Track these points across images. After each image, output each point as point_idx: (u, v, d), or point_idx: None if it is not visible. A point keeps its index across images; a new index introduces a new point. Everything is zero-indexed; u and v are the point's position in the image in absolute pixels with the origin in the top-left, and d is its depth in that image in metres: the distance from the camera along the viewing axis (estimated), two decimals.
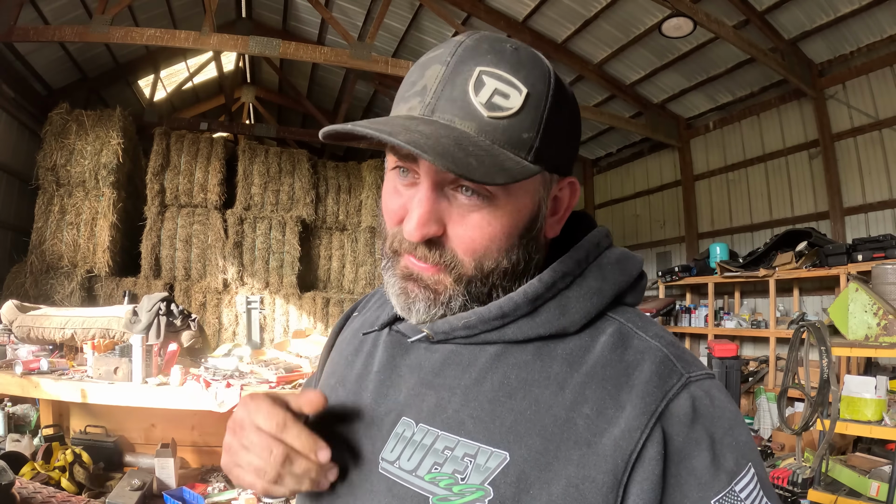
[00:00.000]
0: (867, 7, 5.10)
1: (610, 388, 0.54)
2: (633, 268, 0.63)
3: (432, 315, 0.61)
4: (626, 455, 0.51)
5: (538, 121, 0.56)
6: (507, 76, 0.55)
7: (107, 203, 6.20)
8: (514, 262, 0.60)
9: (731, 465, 0.51)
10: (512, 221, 0.58)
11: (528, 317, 0.58)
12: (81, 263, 6.14)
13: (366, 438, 0.62)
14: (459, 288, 0.59)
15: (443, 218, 0.57)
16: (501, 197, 0.57)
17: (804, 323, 3.30)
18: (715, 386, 0.56)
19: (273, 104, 10.79)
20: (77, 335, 2.99)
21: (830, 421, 3.01)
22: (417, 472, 0.56)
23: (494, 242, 0.58)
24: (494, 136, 0.54)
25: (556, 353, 0.57)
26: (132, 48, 7.69)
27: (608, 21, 6.07)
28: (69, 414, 3.30)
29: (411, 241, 0.57)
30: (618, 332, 0.58)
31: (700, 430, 0.52)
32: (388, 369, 0.65)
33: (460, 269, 0.59)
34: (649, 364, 0.55)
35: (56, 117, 6.26)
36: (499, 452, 0.53)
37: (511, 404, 0.55)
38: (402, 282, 0.61)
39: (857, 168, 5.71)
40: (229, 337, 6.45)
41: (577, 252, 0.61)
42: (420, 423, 0.58)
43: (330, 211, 7.62)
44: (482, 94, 0.55)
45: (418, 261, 0.59)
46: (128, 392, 2.43)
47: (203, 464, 3.21)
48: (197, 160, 6.80)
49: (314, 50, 5.12)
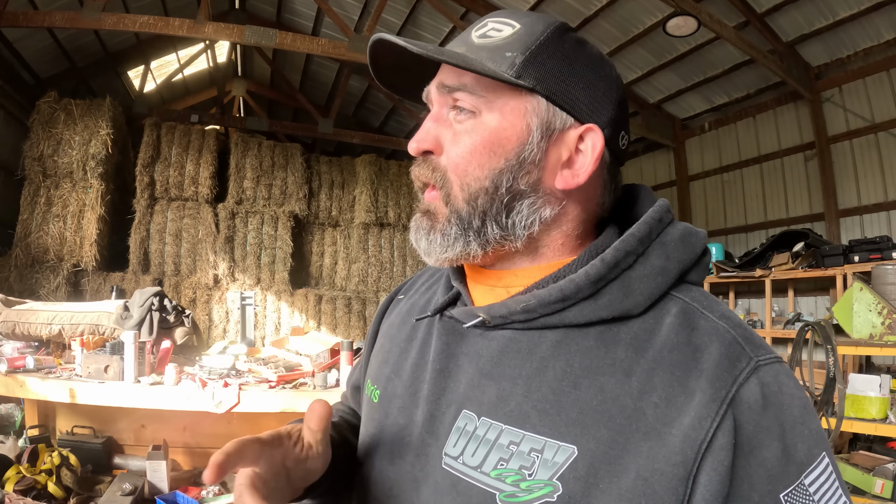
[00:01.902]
0: (865, 12, 5.16)
1: (678, 374, 0.51)
2: (698, 244, 0.60)
3: (432, 245, 0.62)
4: (697, 445, 0.48)
5: (525, 46, 0.58)
6: (507, 19, 0.61)
7: (95, 195, 6.04)
8: (498, 186, 0.59)
9: (802, 457, 0.49)
10: (491, 137, 0.59)
11: (590, 299, 0.56)
12: (68, 257, 5.98)
13: (427, 433, 0.60)
14: (452, 213, 0.61)
15: (440, 140, 0.61)
16: (485, 113, 0.59)
17: (809, 322, 3.28)
18: (783, 371, 0.53)
19: (264, 98, 10.63)
20: (65, 331, 2.87)
21: (837, 419, 3.00)
22: (483, 469, 0.55)
23: (474, 156, 0.59)
24: (479, 54, 0.59)
25: (620, 337, 0.55)
26: (122, 38, 7.52)
27: (608, 20, 6.04)
28: (55, 414, 3.18)
29: (411, 153, 0.62)
30: (682, 312, 0.56)
31: (770, 418, 0.50)
32: (445, 358, 0.63)
33: (448, 188, 0.61)
34: (717, 346, 0.52)
35: (44, 106, 6.08)
36: (566, 446, 0.51)
37: (576, 395, 0.53)
38: (417, 218, 0.65)
39: (853, 171, 5.77)
40: (220, 334, 6.32)
41: (640, 229, 0.58)
42: (482, 416, 0.57)
43: (323, 206, 7.51)
44: (480, 31, 0.61)
45: (420, 180, 0.64)
46: (119, 392, 2.33)
47: (195, 465, 3.11)
48: (188, 152, 6.65)
49: (311, 41, 5.01)
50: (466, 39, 0.61)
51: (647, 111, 7.42)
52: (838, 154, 5.87)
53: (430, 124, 0.62)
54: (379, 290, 7.33)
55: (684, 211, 7.58)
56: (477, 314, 0.61)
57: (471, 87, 0.59)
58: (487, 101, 0.59)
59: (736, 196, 6.99)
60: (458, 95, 0.60)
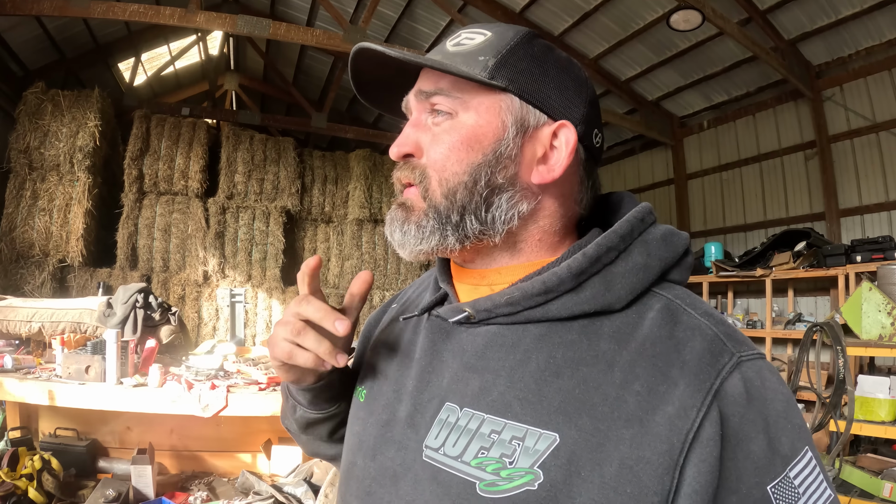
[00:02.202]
0: (868, 10, 5.12)
1: (661, 365, 0.52)
2: (680, 244, 0.61)
3: (406, 236, 0.63)
4: (683, 434, 0.48)
5: (497, 50, 0.61)
6: (479, 29, 0.64)
7: (82, 188, 5.87)
8: (477, 181, 0.60)
9: (787, 450, 0.50)
10: (469, 134, 0.61)
11: (573, 292, 0.57)
12: (53, 252, 5.81)
13: (409, 427, 0.61)
14: (429, 207, 0.62)
15: (420, 143, 0.63)
16: (461, 113, 0.61)
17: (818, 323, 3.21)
18: (766, 367, 0.53)
19: (257, 93, 10.48)
20: (45, 329, 2.74)
21: (846, 422, 2.93)
22: (463, 458, 0.55)
23: (453, 152, 0.61)
24: (453, 59, 0.62)
25: (603, 330, 0.56)
26: (113, 28, 7.37)
27: (607, 15, 5.95)
28: (38, 415, 3.06)
29: (393, 157, 0.64)
30: (666, 308, 0.56)
31: (755, 411, 0.50)
32: (430, 355, 0.64)
33: (427, 183, 0.62)
34: (700, 341, 0.53)
35: (31, 97, 5.91)
36: (548, 434, 0.52)
37: (559, 384, 0.54)
38: (393, 210, 0.65)
39: (854, 170, 5.73)
40: (209, 332, 6.17)
41: (622, 227, 0.59)
42: (465, 407, 0.57)
43: (316, 202, 7.37)
44: (454, 41, 0.64)
45: (401, 182, 0.65)
46: (101, 394, 2.20)
47: (183, 470, 2.99)
48: (178, 145, 6.48)
49: (306, 32, 4.88)
50: (442, 49, 0.65)
51: (646, 108, 7.34)
52: (839, 153, 5.83)
53: (410, 129, 0.64)
54: (373, 287, 7.19)
55: (682, 209, 7.52)
56: (462, 309, 0.62)
57: (447, 91, 0.62)
58: (463, 102, 0.62)
59: (735, 195, 6.93)
60: (435, 100, 0.63)
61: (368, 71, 0.67)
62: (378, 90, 0.70)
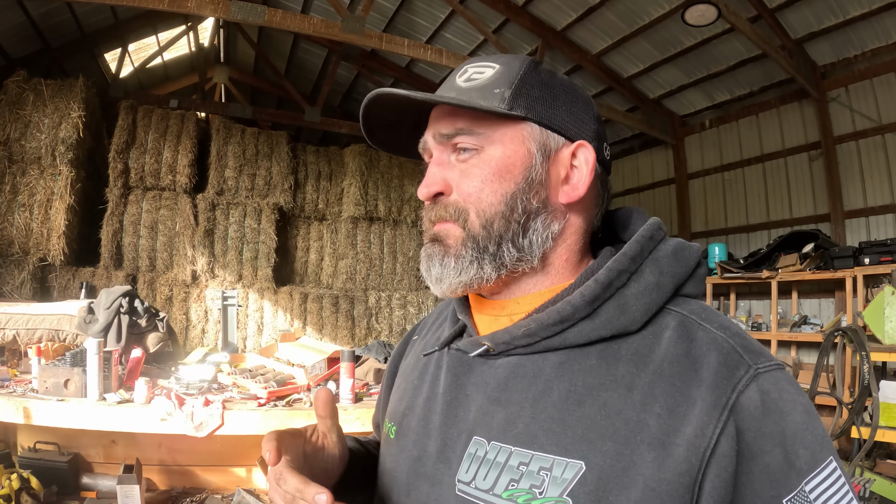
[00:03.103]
0: (876, 11, 5.06)
1: (679, 385, 0.53)
2: (691, 258, 0.62)
3: (446, 270, 0.63)
4: (701, 453, 0.50)
5: (510, 81, 0.64)
6: (486, 63, 0.67)
7: (64, 183, 5.58)
8: (514, 210, 0.62)
9: (803, 463, 0.50)
10: (501, 165, 0.62)
11: (588, 319, 0.58)
12: (34, 250, 5.53)
13: (441, 462, 0.62)
14: (468, 238, 0.63)
15: (448, 181, 0.65)
16: (487, 147, 0.63)
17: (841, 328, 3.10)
18: (784, 378, 0.54)
19: (247, 86, 10.21)
20: (20, 337, 2.52)
21: (871, 428, 2.82)
22: (494, 491, 0.56)
23: (486, 184, 0.62)
24: (470, 96, 0.64)
25: (621, 354, 0.57)
26: (99, 17, 7.10)
27: (613, 10, 5.81)
28: (16, 429, 2.85)
29: (423, 199, 0.67)
30: (681, 325, 0.57)
31: (771, 424, 0.50)
32: (454, 389, 0.65)
33: (465, 216, 0.63)
34: (716, 356, 0.54)
35: (12, 86, 5.63)
36: (574, 462, 0.53)
37: (581, 412, 0.55)
38: (427, 247, 0.66)
39: (859, 171, 5.67)
40: (198, 335, 5.93)
41: (632, 248, 0.61)
42: (492, 440, 0.59)
43: (309, 199, 7.14)
44: (463, 76, 0.67)
45: (435, 222, 0.66)
46: (81, 411, 1.99)
47: (173, 486, 2.80)
48: (166, 138, 6.20)
49: (302, 20, 4.66)
50: (453, 85, 0.66)
51: (647, 106, 7.22)
52: (844, 155, 5.76)
53: (435, 169, 0.65)
54: (367, 287, 6.99)
55: (683, 209, 7.42)
56: (481, 343, 0.64)
57: (468, 129, 0.63)
58: (487, 137, 0.63)
59: (737, 195, 6.84)
60: (458, 140, 0.64)
61: (378, 114, 0.69)
62: (385, 130, 0.72)
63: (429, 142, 0.67)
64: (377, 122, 0.71)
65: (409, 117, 0.69)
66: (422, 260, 0.67)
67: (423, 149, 0.69)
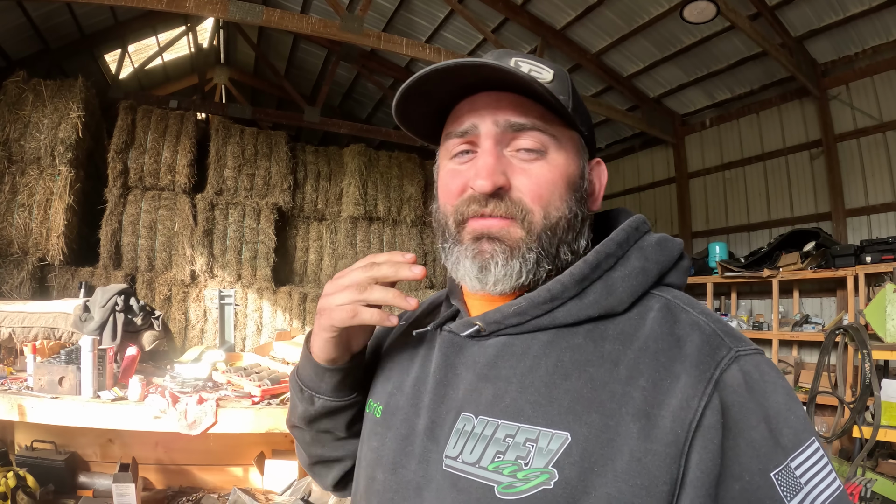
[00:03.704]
0: (876, 9, 5.04)
1: (663, 360, 0.54)
2: (675, 249, 0.65)
3: (509, 271, 0.61)
4: (686, 424, 0.50)
5: (568, 91, 0.66)
6: (537, 62, 0.66)
7: (63, 183, 5.58)
8: (574, 214, 0.64)
9: (788, 442, 0.50)
10: (566, 172, 0.64)
11: (577, 298, 0.60)
12: (33, 250, 5.53)
13: (429, 440, 0.62)
14: (532, 239, 0.62)
15: (506, 173, 0.62)
16: (553, 150, 0.64)
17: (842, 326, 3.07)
18: (764, 361, 0.55)
19: (247, 87, 10.20)
20: (16, 335, 2.51)
21: (873, 428, 2.80)
22: (480, 464, 0.56)
23: (556, 189, 0.63)
24: (542, 91, 0.60)
25: (608, 333, 0.58)
26: (99, 18, 7.10)
27: (612, 8, 5.80)
28: (13, 427, 2.84)
29: (483, 192, 0.61)
30: (665, 307, 0.59)
31: (755, 402, 0.51)
32: (445, 369, 0.65)
33: (530, 217, 0.62)
34: (699, 336, 0.55)
35: (11, 86, 5.63)
36: (560, 434, 0.53)
37: (567, 385, 0.56)
38: (475, 243, 0.63)
39: (860, 170, 5.63)
40: (196, 335, 5.91)
41: (618, 234, 0.63)
42: (480, 415, 0.59)
43: (308, 198, 7.12)
44: (523, 68, 0.64)
45: (489, 218, 0.62)
46: (76, 409, 1.98)
47: (169, 485, 2.78)
48: (165, 138, 6.20)
49: (300, 19, 4.65)
50: (521, 73, 0.61)
51: (647, 105, 7.20)
52: (845, 153, 5.73)
53: (493, 160, 0.62)
54: None
55: (684, 208, 7.39)
56: (473, 323, 0.64)
57: (542, 126, 0.63)
58: (555, 140, 0.64)
59: (738, 194, 6.81)
60: (529, 135, 0.63)
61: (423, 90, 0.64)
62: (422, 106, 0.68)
63: (483, 127, 0.63)
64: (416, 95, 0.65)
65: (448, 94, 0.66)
66: (467, 258, 0.63)
67: (466, 133, 0.65)
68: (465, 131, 0.64)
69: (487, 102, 0.63)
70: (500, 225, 0.62)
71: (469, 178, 0.63)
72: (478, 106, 0.64)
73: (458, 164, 0.66)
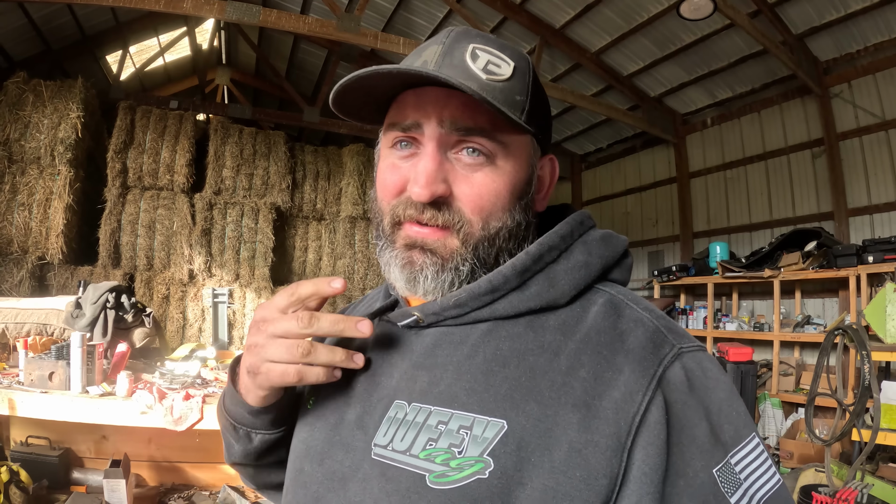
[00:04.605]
0: (878, 5, 5.00)
1: (605, 353, 0.53)
2: (619, 245, 0.64)
3: (441, 283, 0.60)
4: (630, 417, 0.49)
5: (526, 89, 0.61)
6: (497, 52, 0.60)
7: (63, 182, 5.60)
8: (516, 223, 0.62)
9: (728, 438, 0.51)
10: (512, 180, 0.61)
11: (518, 290, 0.59)
12: (33, 249, 5.55)
13: (358, 430, 0.61)
14: (467, 251, 0.60)
15: (448, 179, 0.59)
16: (500, 157, 0.60)
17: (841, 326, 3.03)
18: (707, 358, 0.55)
19: (249, 87, 10.22)
20: (9, 331, 2.51)
21: (872, 430, 2.76)
22: (411, 451, 0.54)
23: (500, 199, 0.60)
24: (494, 95, 0.57)
25: (549, 324, 0.57)
26: (100, 19, 7.13)
27: (611, 7, 5.78)
28: (8, 422, 2.85)
29: (420, 200, 0.58)
30: (609, 302, 0.58)
31: (697, 399, 0.51)
32: (379, 358, 0.64)
33: (468, 228, 0.59)
34: (642, 332, 0.55)
35: (11, 87, 5.66)
36: (496, 421, 0.52)
37: (505, 373, 0.54)
38: (407, 251, 0.61)
39: (863, 168, 5.58)
40: (194, 334, 5.92)
41: (562, 228, 0.62)
42: (413, 402, 0.57)
43: (307, 198, 7.13)
44: (478, 63, 0.59)
45: (425, 226, 0.60)
46: (64, 404, 1.98)
47: (162, 482, 2.78)
48: (164, 138, 6.21)
49: (297, 20, 4.65)
50: (470, 72, 0.58)
51: (648, 105, 7.17)
52: (847, 151, 5.68)
53: (433, 167, 0.58)
54: (366, 287, 6.97)
55: (685, 208, 7.35)
56: (411, 313, 0.62)
57: (490, 132, 0.59)
58: (504, 147, 0.60)
59: (739, 194, 6.77)
60: (475, 139, 0.59)
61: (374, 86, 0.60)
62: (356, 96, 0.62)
63: (427, 128, 0.59)
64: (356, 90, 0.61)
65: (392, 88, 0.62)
66: (396, 265, 0.61)
67: (409, 129, 0.60)
68: (409, 127, 0.60)
69: (435, 98, 0.59)
70: (435, 236, 0.60)
71: (408, 179, 0.60)
72: (424, 101, 0.59)
73: (399, 159, 0.62)
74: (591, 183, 9.16)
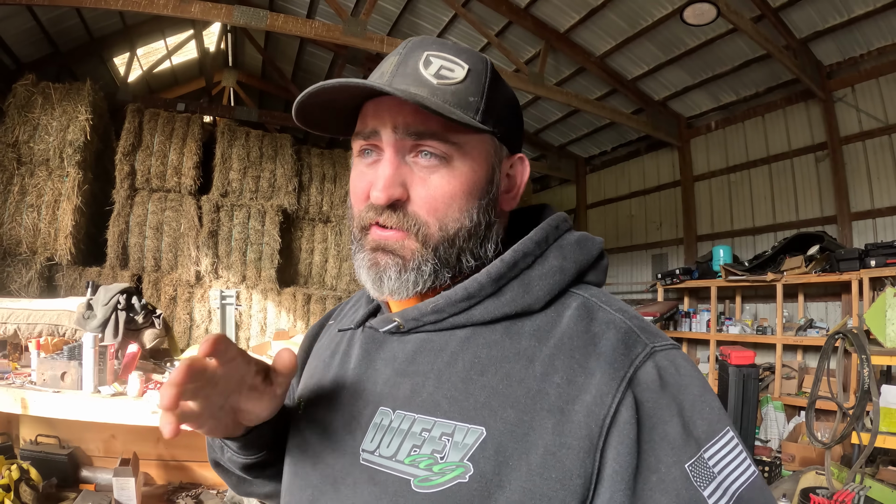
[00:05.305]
0: (881, 10, 5.00)
1: (578, 357, 0.55)
2: (594, 247, 0.65)
3: (403, 283, 0.62)
4: (600, 420, 0.51)
5: (481, 90, 0.63)
6: (451, 56, 0.63)
7: (71, 184, 5.67)
8: (475, 223, 0.63)
9: (701, 433, 0.52)
10: (469, 181, 0.62)
11: (494, 297, 0.61)
12: (41, 250, 5.61)
13: (346, 435, 0.63)
14: (428, 252, 0.62)
15: (406, 183, 0.61)
16: (457, 158, 0.61)
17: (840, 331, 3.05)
18: (680, 356, 0.57)
19: (255, 90, 10.30)
20: (21, 331, 2.56)
21: (871, 434, 2.77)
22: (397, 457, 0.57)
23: (455, 201, 0.61)
24: (445, 98, 0.61)
25: (524, 329, 0.59)
26: (108, 22, 7.21)
27: (615, 11, 5.80)
28: (19, 422, 2.89)
29: (378, 204, 0.61)
30: (583, 305, 0.60)
31: (669, 396, 0.53)
32: (364, 364, 0.66)
33: (426, 230, 0.61)
34: (614, 333, 0.56)
35: (20, 89, 5.72)
36: (475, 428, 0.54)
37: (483, 381, 0.57)
38: (371, 254, 0.63)
39: (866, 173, 5.59)
40: (201, 335, 5.97)
41: (537, 233, 0.64)
42: (397, 409, 0.60)
43: (313, 201, 7.17)
44: (430, 69, 0.62)
45: (385, 228, 0.62)
46: (76, 403, 2.02)
47: (170, 481, 2.82)
48: (171, 141, 6.28)
49: (304, 24, 4.70)
50: (422, 79, 0.61)
51: (652, 108, 7.19)
52: (851, 155, 5.69)
53: (391, 171, 0.61)
54: None
55: (688, 212, 7.37)
56: (392, 319, 0.65)
57: (442, 135, 0.60)
58: (459, 148, 0.61)
59: (743, 197, 6.78)
60: (428, 143, 0.60)
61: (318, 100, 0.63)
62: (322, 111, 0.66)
63: (384, 135, 0.61)
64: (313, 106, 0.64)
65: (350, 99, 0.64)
66: (364, 267, 0.64)
67: (370, 136, 0.63)
68: (369, 135, 0.63)
69: (391, 106, 0.61)
70: (395, 237, 0.62)
71: (371, 185, 0.62)
72: (381, 110, 0.62)
73: (365, 166, 0.64)
74: (596, 186, 9.19)
